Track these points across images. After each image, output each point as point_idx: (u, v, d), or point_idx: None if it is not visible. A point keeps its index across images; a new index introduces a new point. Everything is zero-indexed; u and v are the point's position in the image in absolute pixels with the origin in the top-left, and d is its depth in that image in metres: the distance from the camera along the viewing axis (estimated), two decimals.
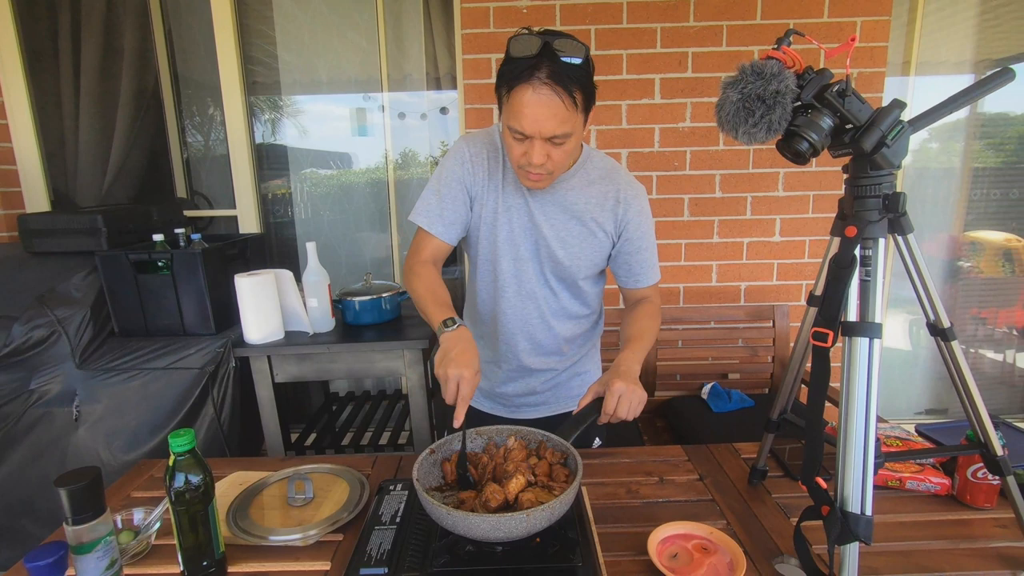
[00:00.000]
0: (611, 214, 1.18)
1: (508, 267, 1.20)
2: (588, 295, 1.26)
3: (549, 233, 1.17)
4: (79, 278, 1.87)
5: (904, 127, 0.75)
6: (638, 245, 1.21)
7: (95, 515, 0.80)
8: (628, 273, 1.24)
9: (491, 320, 1.27)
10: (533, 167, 1.03)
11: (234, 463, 1.25)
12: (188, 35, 2.48)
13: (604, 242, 1.20)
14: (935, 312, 0.87)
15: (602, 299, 1.34)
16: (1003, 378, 2.77)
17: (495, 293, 1.23)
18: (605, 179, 1.19)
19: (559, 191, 1.17)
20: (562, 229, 1.18)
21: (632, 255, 1.22)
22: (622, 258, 1.22)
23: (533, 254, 1.19)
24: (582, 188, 1.18)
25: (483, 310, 1.28)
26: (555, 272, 1.21)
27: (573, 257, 1.19)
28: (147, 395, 1.78)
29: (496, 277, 1.21)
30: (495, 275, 1.21)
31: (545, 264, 1.20)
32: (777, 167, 2.29)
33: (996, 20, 2.43)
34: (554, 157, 1.03)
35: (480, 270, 1.24)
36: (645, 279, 1.24)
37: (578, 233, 1.18)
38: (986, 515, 1.02)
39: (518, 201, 1.16)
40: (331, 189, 2.64)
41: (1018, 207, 2.57)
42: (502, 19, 2.16)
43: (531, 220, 1.17)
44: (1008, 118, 2.54)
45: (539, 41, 0.95)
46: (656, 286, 1.27)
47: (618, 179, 1.19)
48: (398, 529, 0.92)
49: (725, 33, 2.19)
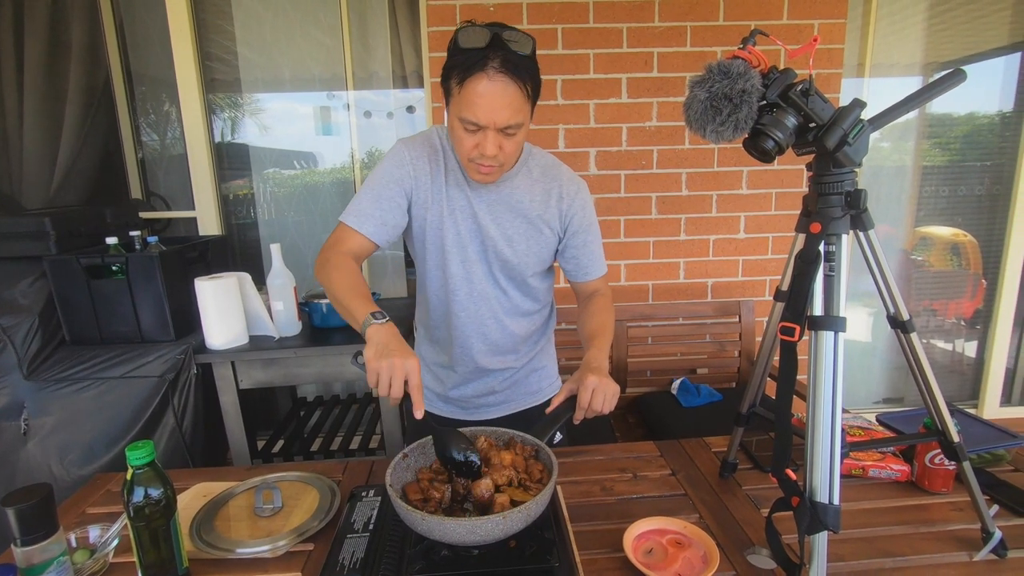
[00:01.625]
0: (556, 210, 1.19)
1: (457, 270, 1.18)
2: (538, 291, 1.27)
3: (495, 233, 1.16)
4: (26, 284, 1.78)
5: (864, 126, 0.77)
6: (584, 239, 1.22)
7: (47, 534, 0.76)
8: (577, 267, 1.25)
9: (445, 324, 1.25)
10: (486, 159, 1.02)
11: (197, 474, 1.21)
12: (141, 30, 2.38)
13: (550, 238, 1.21)
14: (895, 305, 0.90)
15: (552, 293, 1.35)
16: (953, 367, 2.91)
17: (447, 297, 1.21)
18: (547, 176, 1.19)
19: (503, 189, 1.16)
20: (508, 227, 1.17)
21: (579, 248, 1.23)
22: (569, 252, 1.23)
23: (480, 255, 1.18)
24: (526, 186, 1.17)
25: (435, 315, 1.26)
26: (504, 271, 1.20)
27: (520, 255, 1.18)
28: (102, 406, 1.70)
29: (446, 281, 1.20)
30: (445, 279, 1.20)
31: (493, 264, 1.19)
32: (741, 166, 2.34)
33: (943, 25, 2.54)
34: (506, 148, 1.02)
35: (430, 275, 1.21)
36: (594, 271, 1.26)
37: (524, 231, 1.18)
38: (943, 499, 1.06)
39: (462, 203, 1.15)
40: (295, 189, 2.57)
41: (964, 203, 2.70)
42: (469, 17, 2.12)
43: (476, 221, 1.16)
44: (953, 118, 2.67)
45: (488, 32, 0.95)
46: (605, 278, 1.29)
47: (560, 175, 1.20)
48: (371, 536, 0.90)
49: (689, 34, 2.22)
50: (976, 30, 2.58)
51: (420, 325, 1.37)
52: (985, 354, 2.80)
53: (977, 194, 2.69)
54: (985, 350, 2.80)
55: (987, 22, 2.56)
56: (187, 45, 2.25)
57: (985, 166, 2.67)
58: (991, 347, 2.76)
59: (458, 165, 1.14)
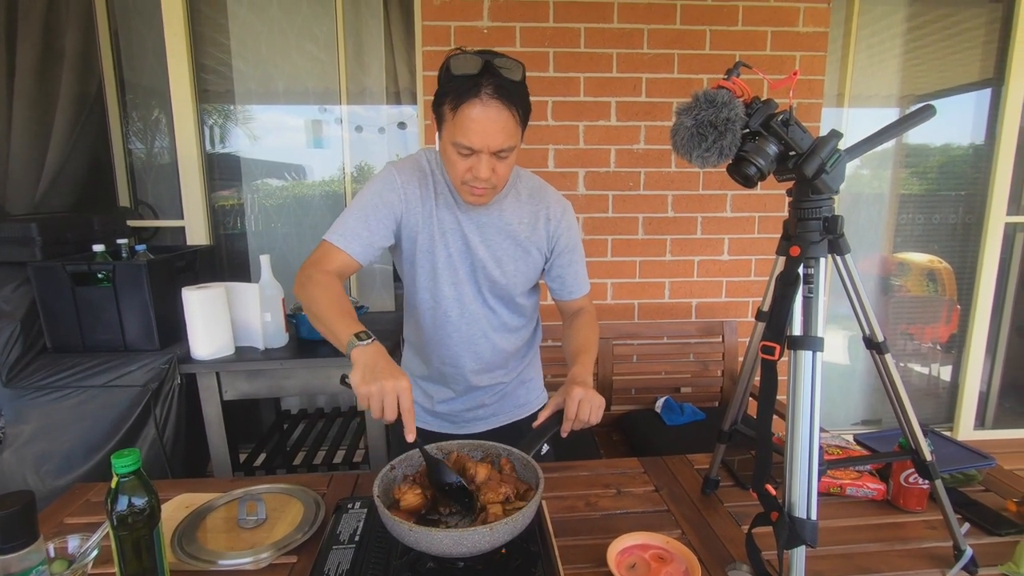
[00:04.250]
0: (543, 231, 1.22)
1: (449, 291, 1.19)
2: (525, 307, 1.29)
3: (484, 254, 1.18)
4: (9, 290, 1.75)
5: (841, 155, 0.81)
6: (569, 258, 1.26)
7: (27, 542, 0.75)
8: (562, 286, 1.28)
9: (435, 343, 1.26)
10: (479, 181, 1.04)
11: (179, 485, 1.19)
12: (136, 39, 2.39)
13: (538, 259, 1.23)
14: (870, 327, 0.93)
15: (538, 309, 1.37)
16: (929, 390, 2.97)
17: (437, 318, 1.22)
18: (534, 198, 1.22)
19: (493, 212, 1.18)
20: (497, 249, 1.19)
21: (564, 268, 1.26)
22: (555, 271, 1.26)
23: (470, 276, 1.20)
24: (514, 208, 1.20)
25: (427, 335, 1.26)
26: (492, 291, 1.22)
27: (509, 276, 1.20)
28: (83, 415, 1.67)
29: (438, 302, 1.21)
30: (436, 300, 1.21)
31: (483, 284, 1.21)
32: (726, 189, 2.40)
33: (918, 60, 2.66)
34: (499, 171, 1.05)
35: (420, 296, 1.22)
36: (578, 290, 1.29)
37: (512, 252, 1.20)
38: (917, 517, 1.09)
39: (452, 225, 1.17)
40: (285, 201, 2.58)
41: (939, 230, 2.79)
42: (463, 38, 2.19)
43: (466, 243, 1.17)
44: (928, 149, 2.77)
45: (480, 60, 0.98)
46: (589, 296, 1.32)
47: (547, 197, 1.23)
48: (357, 548, 0.90)
49: (677, 61, 2.29)
50: (948, 66, 2.70)
51: (408, 341, 1.38)
52: (959, 378, 2.87)
53: (951, 222, 2.78)
54: (959, 374, 2.88)
55: (959, 59, 2.68)
56: (182, 56, 2.27)
57: (960, 196, 2.77)
58: (965, 371, 2.83)
59: (448, 188, 1.16)
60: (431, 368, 1.31)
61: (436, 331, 1.24)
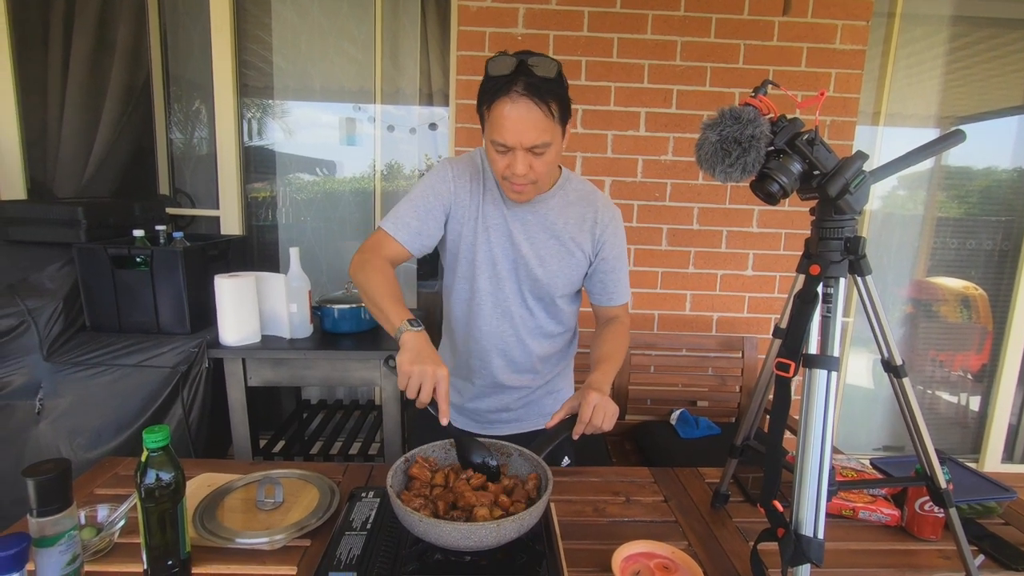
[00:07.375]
0: (589, 234, 1.24)
1: (485, 285, 1.22)
2: (564, 313, 1.30)
3: (528, 252, 1.21)
4: (53, 269, 1.84)
5: (865, 176, 0.81)
6: (612, 264, 1.27)
7: (61, 508, 0.79)
8: (603, 291, 1.30)
9: (466, 336, 1.29)
10: (517, 177, 1.07)
11: (202, 464, 1.24)
12: (184, 34, 2.49)
13: (581, 261, 1.25)
14: (889, 350, 0.92)
15: (577, 318, 1.38)
16: (957, 419, 2.89)
17: (471, 310, 1.25)
18: (583, 201, 1.24)
19: (539, 211, 1.21)
20: (541, 247, 1.21)
21: (607, 274, 1.27)
22: (597, 276, 1.28)
23: (511, 272, 1.22)
24: (561, 209, 1.22)
25: (458, 326, 1.30)
26: (533, 290, 1.24)
27: (551, 275, 1.23)
28: (115, 392, 1.74)
29: (473, 294, 1.24)
30: (472, 292, 1.24)
31: (524, 282, 1.23)
32: (752, 204, 2.38)
33: (959, 81, 2.60)
34: (536, 167, 1.07)
35: (457, 287, 1.26)
36: (618, 297, 1.30)
37: (556, 252, 1.22)
38: (931, 546, 1.07)
39: (497, 221, 1.20)
40: (316, 195, 2.65)
41: (975, 256, 2.72)
42: (497, 44, 2.23)
43: (510, 239, 1.20)
44: (969, 172, 2.70)
45: (514, 60, 1.02)
46: (626, 306, 1.33)
47: (596, 201, 1.25)
48: (368, 535, 0.93)
49: (709, 74, 2.29)
50: (990, 88, 2.63)
51: (444, 335, 1.41)
52: (988, 408, 2.79)
53: (987, 248, 2.71)
54: (989, 404, 2.79)
55: (1001, 81, 2.61)
56: (226, 52, 2.35)
57: (999, 221, 2.70)
58: (995, 402, 2.75)
59: (496, 185, 1.20)
60: (458, 359, 1.33)
61: (468, 324, 1.27)
